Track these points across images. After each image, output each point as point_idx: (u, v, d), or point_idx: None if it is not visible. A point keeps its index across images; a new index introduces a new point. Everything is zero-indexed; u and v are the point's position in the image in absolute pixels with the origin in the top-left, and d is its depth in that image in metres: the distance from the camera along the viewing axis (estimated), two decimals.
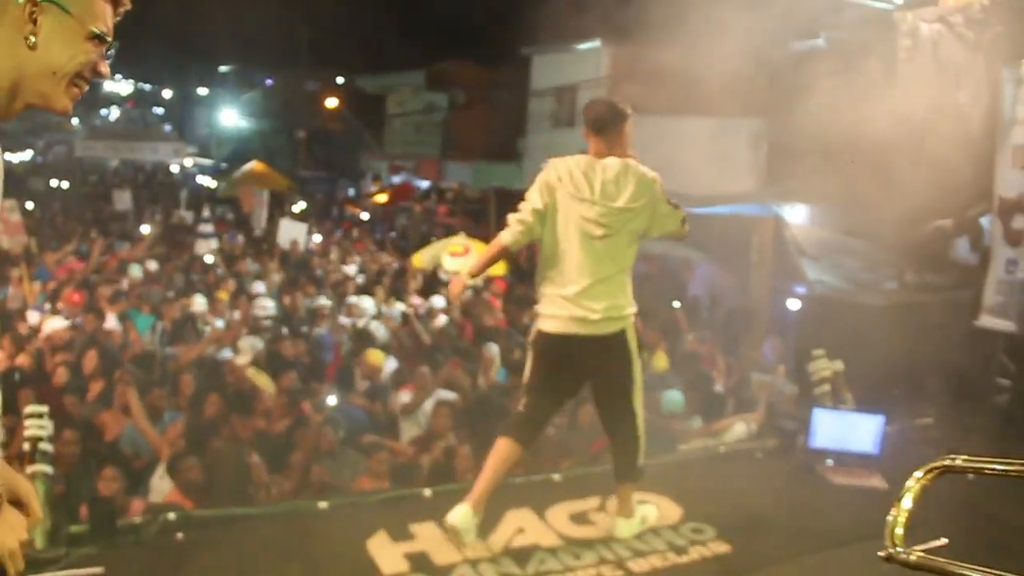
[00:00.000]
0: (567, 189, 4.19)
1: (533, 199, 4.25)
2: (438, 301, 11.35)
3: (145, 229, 16.96)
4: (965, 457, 1.86)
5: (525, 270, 15.10)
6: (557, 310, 4.23)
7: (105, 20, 1.66)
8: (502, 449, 4.34)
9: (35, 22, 1.57)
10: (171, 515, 4.54)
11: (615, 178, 4.20)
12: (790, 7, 10.73)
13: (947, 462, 1.87)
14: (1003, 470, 1.75)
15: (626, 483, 4.50)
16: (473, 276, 4.61)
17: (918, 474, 1.85)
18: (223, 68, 49.59)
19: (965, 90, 8.28)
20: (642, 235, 4.35)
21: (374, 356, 8.27)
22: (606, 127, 4.29)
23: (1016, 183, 7.50)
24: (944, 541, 1.67)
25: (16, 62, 1.58)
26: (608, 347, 4.26)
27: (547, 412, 4.50)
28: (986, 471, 1.83)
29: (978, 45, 8.16)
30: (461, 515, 4.26)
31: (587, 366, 4.32)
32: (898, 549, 1.62)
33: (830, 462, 5.60)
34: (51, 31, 1.59)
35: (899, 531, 1.72)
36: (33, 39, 1.57)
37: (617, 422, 4.44)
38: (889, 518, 1.70)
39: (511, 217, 4.28)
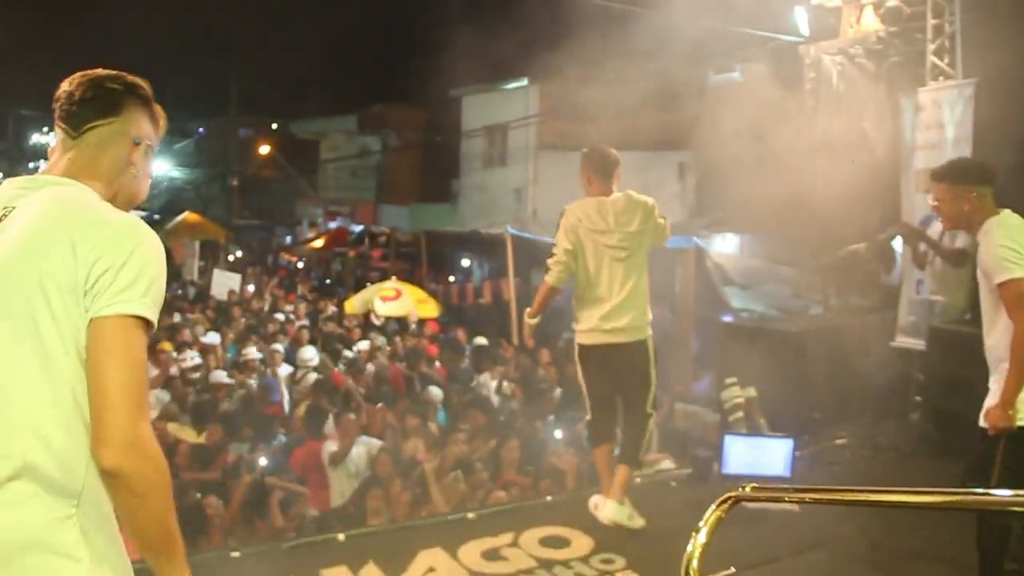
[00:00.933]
0: (588, 226, 4.94)
1: (562, 242, 4.97)
2: (364, 345, 11.34)
3: None
4: (754, 486, 1.93)
5: (456, 311, 15.16)
6: (593, 326, 4.99)
7: None
8: (603, 454, 5.18)
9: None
10: None
11: (624, 209, 4.98)
12: (707, 42, 11.01)
13: (737, 493, 1.95)
14: (790, 499, 1.82)
15: (627, 466, 5.13)
16: (533, 317, 5.16)
17: (713, 506, 1.93)
18: None
19: (869, 118, 8.54)
20: (649, 250, 5.15)
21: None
22: (608, 169, 5.07)
23: (921, 207, 7.70)
24: (732, 570, 1.74)
25: (117, 185, 2.05)
26: (633, 353, 5.05)
27: (609, 408, 5.16)
28: (775, 499, 1.90)
29: (878, 75, 8.44)
30: (614, 510, 4.99)
31: (620, 369, 5.07)
32: None
33: (745, 488, 5.63)
34: (144, 167, 2.11)
35: (694, 563, 1.80)
36: (138, 175, 2.09)
37: (635, 415, 5.17)
38: (688, 549, 1.75)
39: (550, 261, 5.01)
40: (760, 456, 5.67)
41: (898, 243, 8.50)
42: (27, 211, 1.86)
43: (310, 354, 10.80)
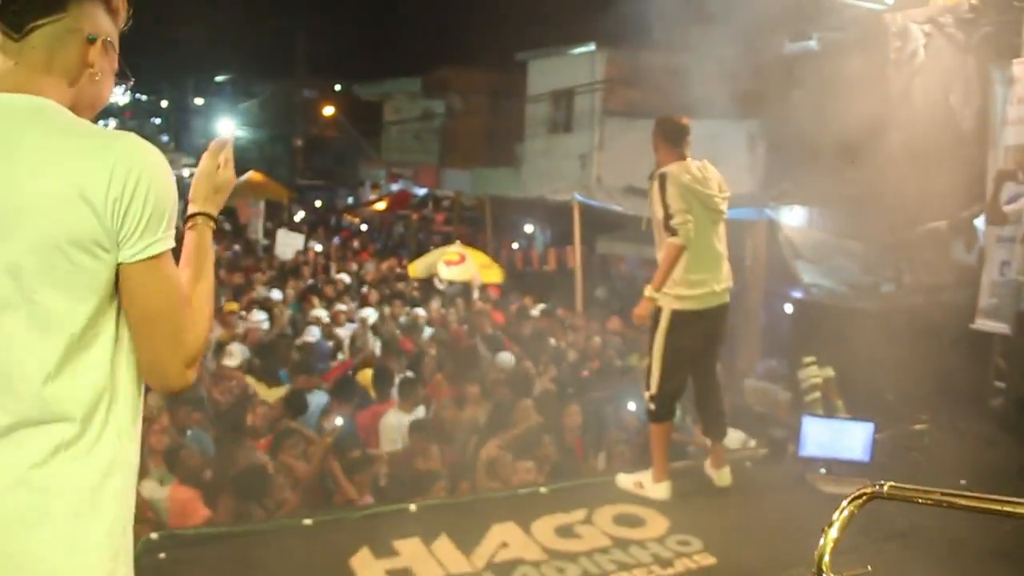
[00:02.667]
0: (697, 187, 4.91)
1: (679, 203, 4.86)
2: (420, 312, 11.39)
3: None
4: (892, 484, 1.84)
5: (519, 277, 15.10)
6: (695, 291, 4.94)
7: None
8: (663, 432, 5.17)
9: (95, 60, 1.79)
10: (153, 535, 4.48)
11: (713, 175, 5.05)
12: (782, 9, 10.71)
13: (873, 489, 1.86)
14: (931, 499, 1.73)
15: (722, 440, 5.35)
16: (657, 290, 4.93)
17: (845, 502, 1.85)
18: (220, 78, 49.64)
19: (956, 91, 8.22)
20: None
21: (365, 376, 8.24)
22: (679, 138, 5.03)
23: (1009, 184, 7.42)
24: (869, 569, 1.67)
25: (74, 91, 1.78)
26: (725, 314, 5.17)
27: (680, 385, 5.17)
28: (913, 500, 1.81)
29: (968, 45, 8.10)
30: (665, 490, 5.10)
31: (712, 334, 5.14)
32: None
33: (822, 470, 5.53)
34: (105, 66, 1.84)
35: (826, 559, 1.74)
36: (98, 76, 1.81)
37: (715, 384, 5.31)
38: (820, 543, 1.69)
39: (675, 221, 4.83)
40: (839, 439, 5.55)
41: (980, 221, 8.23)
42: None
43: (368, 314, 10.85)
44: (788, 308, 10.55)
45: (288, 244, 16.49)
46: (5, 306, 1.61)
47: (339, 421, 6.69)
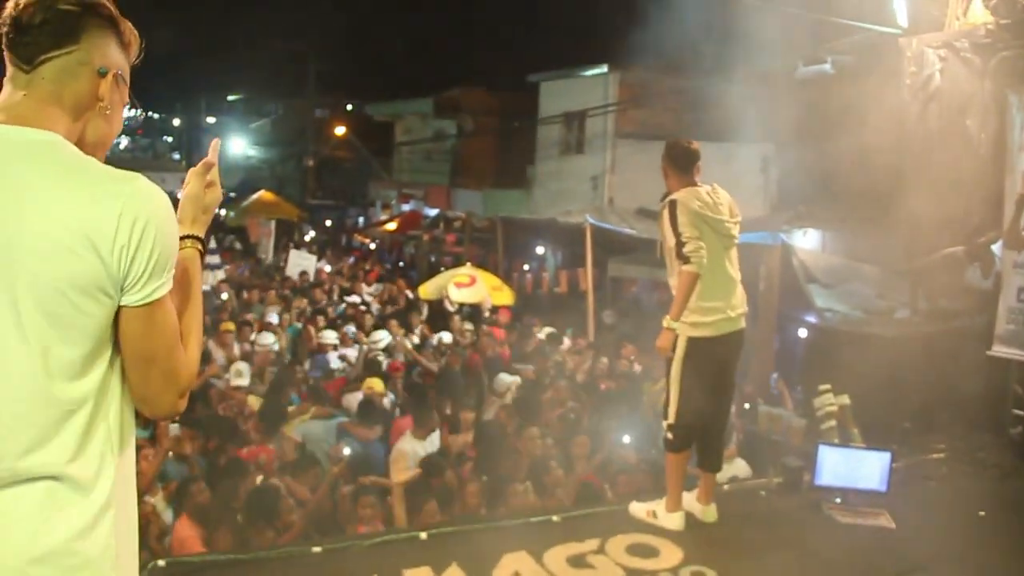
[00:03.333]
0: (707, 213, 4.84)
1: (690, 229, 4.77)
2: (445, 336, 11.32)
3: None
4: None
5: (530, 300, 15.05)
6: (712, 317, 4.87)
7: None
8: (680, 462, 5.05)
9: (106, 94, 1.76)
10: (160, 562, 4.43)
11: (724, 198, 4.99)
12: (797, 33, 10.69)
13: None
14: None
15: (714, 474, 5.23)
16: (676, 319, 4.84)
17: None
18: (232, 97, 49.91)
19: (972, 116, 8.16)
20: None
21: (375, 382, 8.20)
22: (689, 164, 4.97)
23: None
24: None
25: (81, 125, 1.75)
26: (741, 340, 5.09)
27: (698, 414, 4.99)
28: None
29: (984, 70, 8.05)
30: (679, 520, 5.02)
31: (727, 360, 5.07)
32: None
33: (838, 500, 5.44)
34: (115, 101, 1.81)
35: None
36: (108, 110, 1.78)
37: (724, 415, 5.25)
38: None
39: (687, 249, 4.73)
40: (855, 468, 5.46)
41: (998, 247, 8.15)
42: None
43: (381, 336, 10.81)
44: (802, 333, 10.47)
45: (300, 265, 16.49)
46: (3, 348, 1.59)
47: (347, 451, 6.67)
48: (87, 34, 1.72)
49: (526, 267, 18.02)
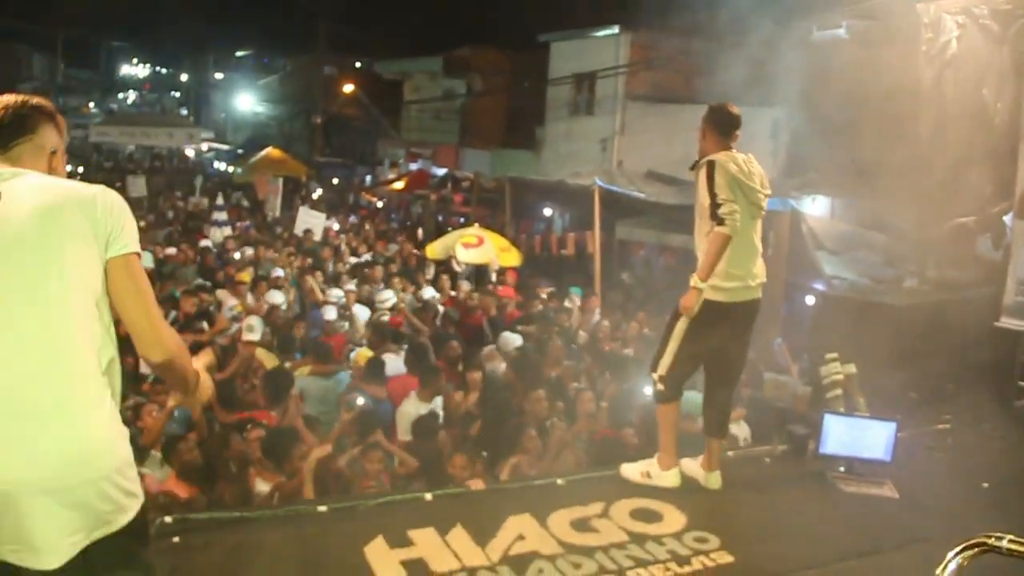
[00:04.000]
0: (743, 179, 4.82)
1: (727, 192, 4.73)
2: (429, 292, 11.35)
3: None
4: (1012, 539, 1.64)
5: (538, 261, 15.02)
6: (732, 283, 4.87)
7: None
8: (671, 413, 5.09)
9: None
10: (167, 518, 4.45)
11: (757, 169, 4.96)
12: None
13: (990, 541, 1.64)
14: None
15: (720, 440, 5.21)
16: (704, 280, 4.78)
17: (951, 554, 1.63)
18: (240, 53, 49.62)
19: (989, 84, 8.08)
20: None
21: (363, 355, 8.17)
22: (730, 129, 4.95)
23: None
24: None
25: None
26: (755, 310, 5.08)
27: (689, 371, 5.11)
28: None
29: (1003, 37, 7.95)
30: (675, 477, 5.06)
31: (738, 328, 5.05)
32: None
33: (842, 469, 5.46)
34: (60, 168, 2.68)
35: None
36: (56, 174, 2.64)
37: (732, 382, 5.26)
38: None
39: (723, 211, 4.68)
40: (860, 438, 5.46)
41: (1008, 217, 8.09)
42: (22, 193, 2.40)
43: (387, 295, 10.80)
44: (810, 300, 10.44)
45: (308, 222, 16.45)
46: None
47: (360, 400, 6.64)
48: (40, 127, 2.60)
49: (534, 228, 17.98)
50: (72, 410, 2.31)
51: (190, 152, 37.34)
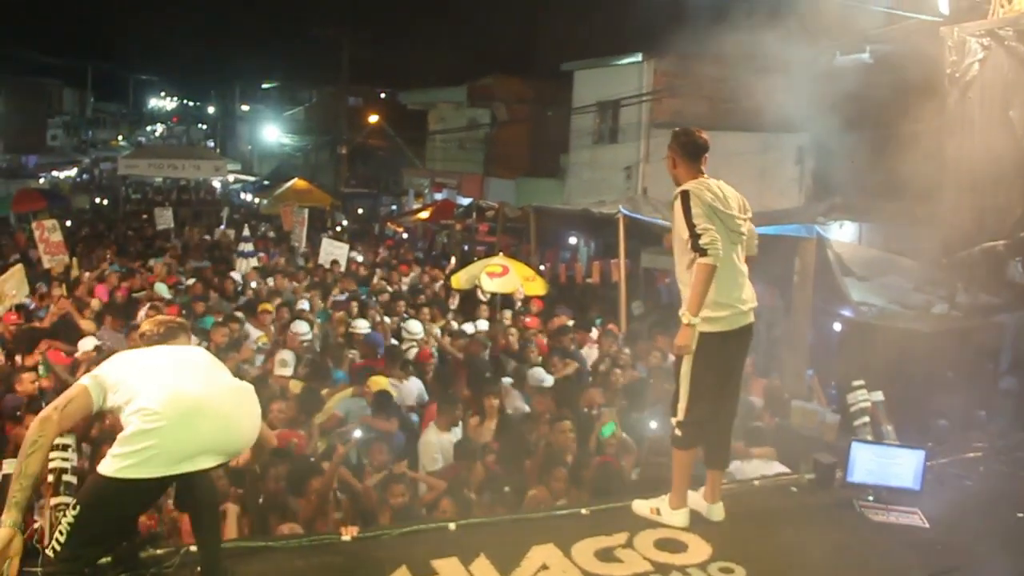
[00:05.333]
0: (719, 206, 4.75)
1: (705, 221, 4.66)
2: (469, 327, 11.31)
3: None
4: None
5: (562, 290, 14.99)
6: (724, 312, 4.79)
7: None
8: (687, 459, 4.96)
9: None
10: (193, 547, 4.45)
11: (732, 194, 4.90)
12: (835, 20, 10.52)
13: None
14: None
15: (723, 471, 5.16)
16: (695, 315, 4.68)
17: None
18: (266, 85, 50.18)
19: (1016, 106, 8.00)
20: None
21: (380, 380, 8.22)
22: (697, 153, 4.90)
23: None
24: None
25: None
26: (750, 335, 4.99)
27: (707, 412, 4.89)
28: None
29: None
30: (683, 517, 4.91)
31: (739, 355, 5.01)
32: None
33: (870, 498, 5.37)
34: None
35: None
36: None
37: (732, 410, 5.11)
38: None
39: (703, 241, 4.61)
40: (888, 466, 5.38)
41: None
42: None
43: (416, 328, 10.80)
44: (837, 327, 10.33)
45: (331, 253, 16.52)
46: None
47: (357, 433, 6.66)
48: None
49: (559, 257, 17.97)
50: None
51: (217, 184, 37.72)
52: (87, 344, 8.81)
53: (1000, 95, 8.14)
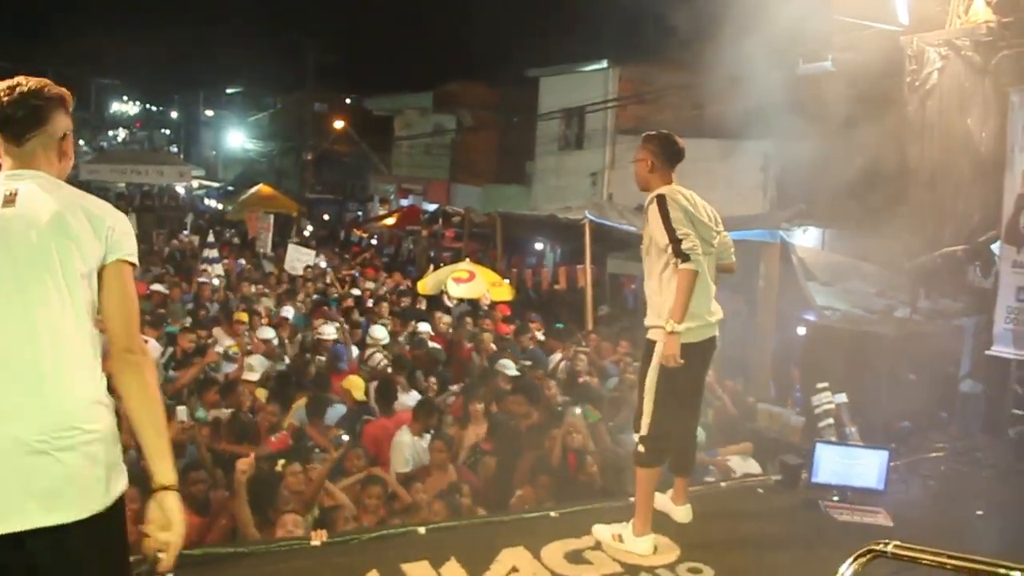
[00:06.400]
0: (692, 212, 4.65)
1: (685, 227, 4.55)
2: (423, 327, 11.35)
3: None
4: (897, 544, 1.80)
5: (529, 296, 15.03)
6: (694, 323, 4.60)
7: None
8: (651, 478, 4.71)
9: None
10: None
11: (702, 204, 4.78)
12: (798, 28, 10.66)
13: (878, 548, 1.84)
14: (936, 562, 1.70)
15: (687, 476, 5.10)
16: (679, 323, 4.48)
17: (848, 562, 1.94)
18: (230, 90, 49.80)
19: (973, 114, 8.16)
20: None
21: (355, 381, 8.24)
22: (675, 158, 4.79)
23: None
24: None
25: (56, 169, 2.78)
26: (713, 348, 4.86)
27: (674, 425, 4.77)
28: (918, 561, 1.77)
29: (985, 68, 8.04)
30: (647, 545, 4.65)
31: (703, 368, 4.90)
32: None
33: (835, 498, 5.45)
34: (70, 149, 2.84)
35: None
36: (68, 155, 2.83)
37: (696, 419, 5.10)
38: None
39: (685, 246, 4.48)
40: (852, 467, 5.47)
41: (996, 246, 8.14)
42: (34, 194, 2.61)
43: (381, 333, 10.79)
44: (801, 331, 10.45)
45: (298, 259, 16.46)
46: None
47: (345, 438, 6.64)
48: (50, 115, 2.71)
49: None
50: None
51: (180, 189, 37.34)
52: None
53: (957, 103, 8.29)
